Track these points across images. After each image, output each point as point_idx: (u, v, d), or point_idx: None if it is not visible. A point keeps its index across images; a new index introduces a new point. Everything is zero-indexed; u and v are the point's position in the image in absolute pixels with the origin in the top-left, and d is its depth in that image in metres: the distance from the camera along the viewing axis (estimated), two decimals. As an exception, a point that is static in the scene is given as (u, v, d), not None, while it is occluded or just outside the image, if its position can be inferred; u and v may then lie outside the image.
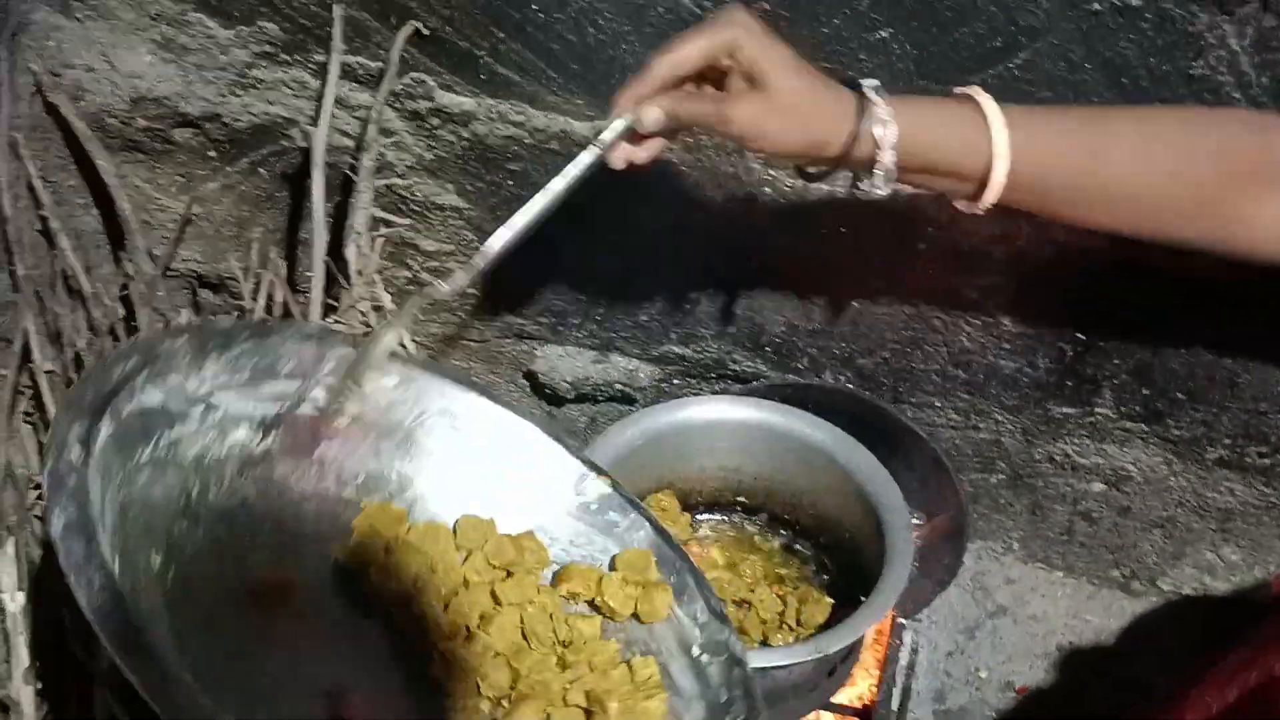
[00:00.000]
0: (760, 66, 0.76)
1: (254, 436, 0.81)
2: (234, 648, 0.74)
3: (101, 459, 0.67)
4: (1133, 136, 0.80)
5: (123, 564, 0.66)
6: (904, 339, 1.15)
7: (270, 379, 0.82)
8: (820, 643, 0.90)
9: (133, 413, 0.72)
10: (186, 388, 0.77)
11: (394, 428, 0.86)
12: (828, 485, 1.07)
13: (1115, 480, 1.22)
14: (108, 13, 1.12)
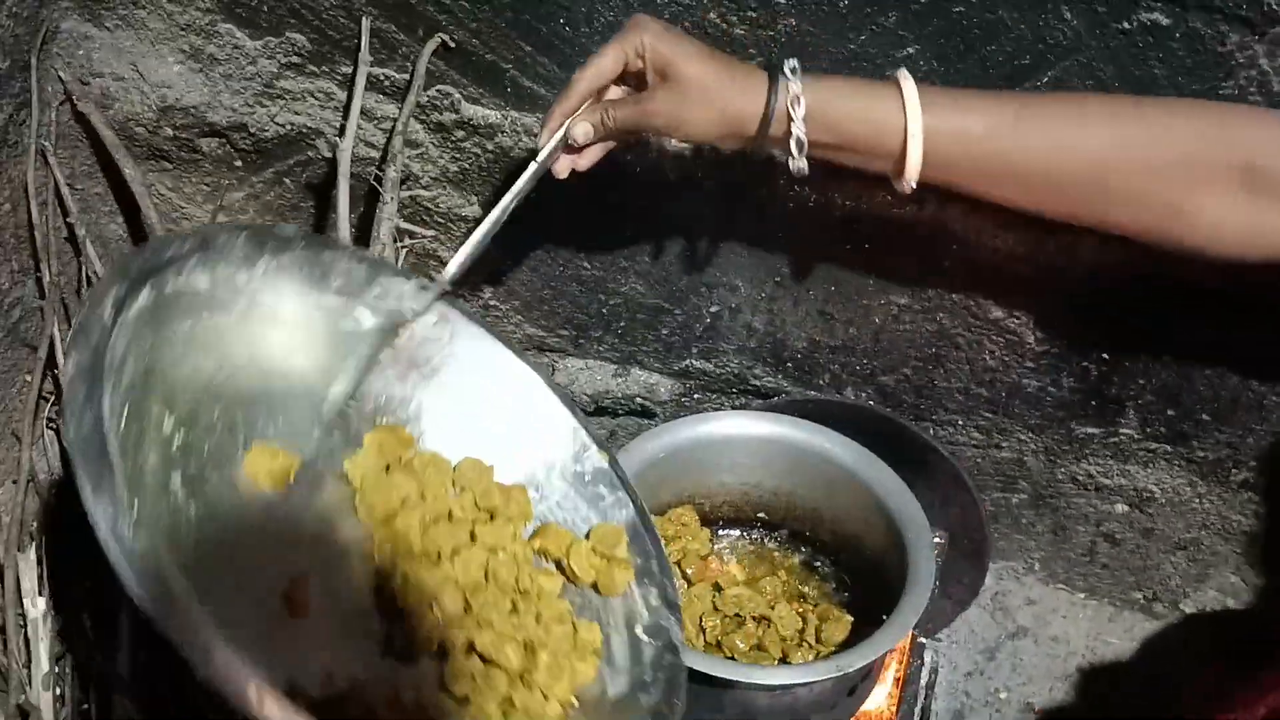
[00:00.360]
0: (668, 60, 0.82)
1: (291, 338, 0.85)
2: (210, 516, 0.76)
3: (134, 323, 0.71)
4: (1058, 120, 0.82)
5: (130, 417, 0.69)
6: (927, 356, 1.15)
7: (317, 289, 0.86)
8: (840, 661, 0.89)
9: (177, 290, 0.76)
10: (236, 280, 0.81)
11: (423, 361, 0.90)
12: (849, 502, 1.06)
13: (1139, 501, 1.21)
14: (137, 22, 1.13)
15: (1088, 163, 0.81)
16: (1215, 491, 1.17)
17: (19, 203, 1.15)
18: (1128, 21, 0.88)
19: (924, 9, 0.92)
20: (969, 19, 0.91)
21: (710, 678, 0.89)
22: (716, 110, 0.83)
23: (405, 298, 0.89)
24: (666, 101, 0.83)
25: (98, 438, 0.62)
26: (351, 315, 0.87)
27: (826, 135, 0.83)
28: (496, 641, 0.79)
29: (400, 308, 0.88)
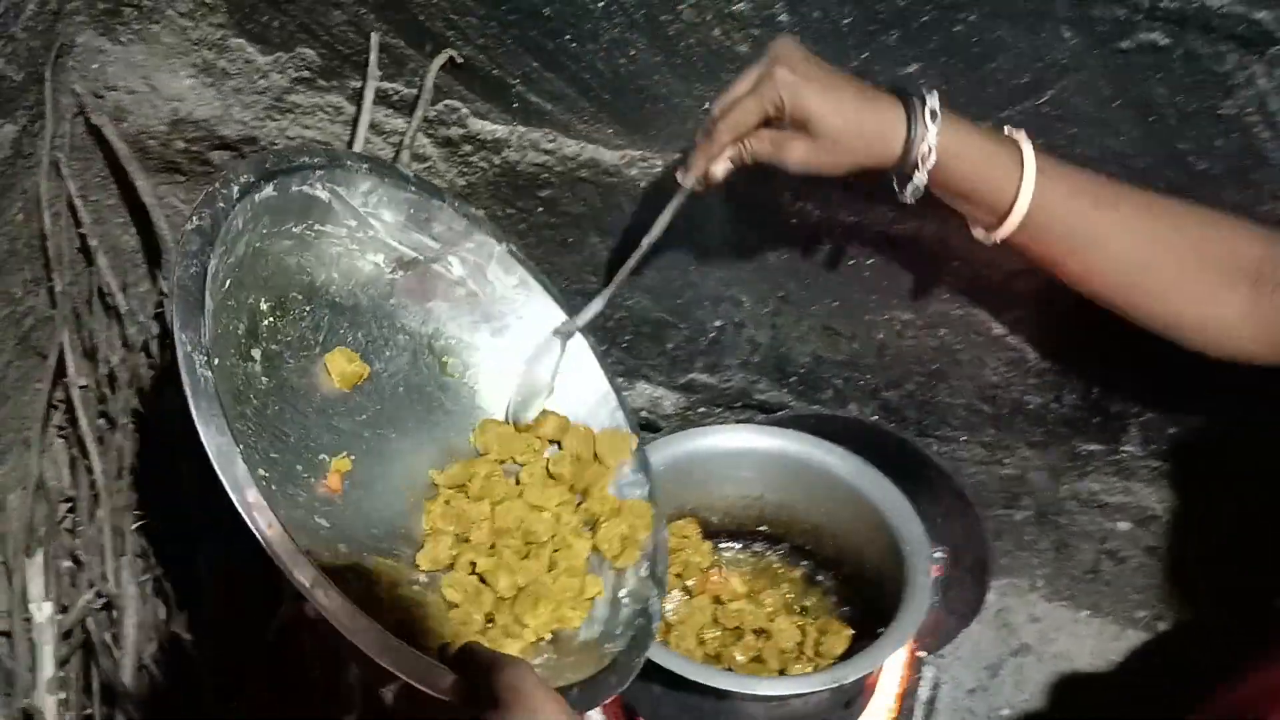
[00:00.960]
0: (807, 114, 0.84)
1: (387, 266, 0.95)
2: (278, 390, 0.85)
3: (257, 208, 0.82)
4: (1136, 207, 0.88)
5: (232, 286, 0.80)
6: (930, 372, 1.15)
7: (419, 230, 0.96)
8: (837, 672, 0.90)
9: (299, 193, 0.86)
10: (352, 201, 0.91)
11: (496, 316, 1.00)
12: (850, 516, 1.07)
13: (1142, 519, 1.21)
14: (150, 37, 1.14)
15: (1143, 254, 0.87)
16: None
17: (32, 213, 1.16)
18: (1127, 41, 0.89)
19: (924, 27, 0.93)
20: (969, 37, 0.92)
21: (708, 688, 0.90)
22: (850, 160, 0.87)
23: (495, 257, 0.99)
24: (802, 152, 0.86)
25: (198, 287, 0.73)
26: (445, 259, 0.97)
27: (944, 182, 0.87)
28: (494, 569, 0.88)
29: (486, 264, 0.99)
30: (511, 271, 1.00)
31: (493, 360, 0.99)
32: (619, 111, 1.06)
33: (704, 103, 1.02)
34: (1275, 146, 0.91)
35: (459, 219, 0.97)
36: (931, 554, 1.01)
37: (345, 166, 0.89)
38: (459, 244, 0.98)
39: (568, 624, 0.88)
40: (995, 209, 0.87)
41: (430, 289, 0.97)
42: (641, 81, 1.03)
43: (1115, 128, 0.94)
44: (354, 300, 0.93)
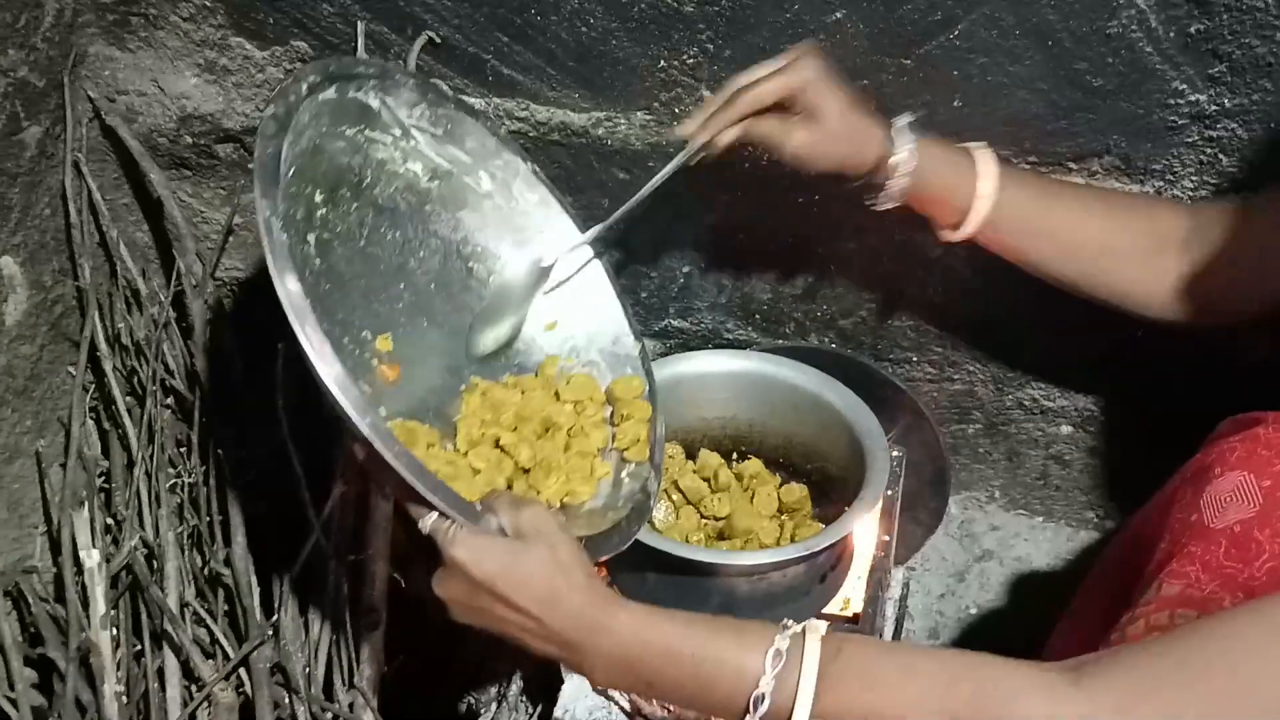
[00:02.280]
0: (819, 107, 0.97)
1: (424, 175, 1.06)
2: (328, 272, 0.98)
3: (319, 106, 0.92)
4: (1078, 200, 1.05)
5: (295, 175, 0.91)
6: (878, 298, 1.28)
7: (455, 144, 1.07)
8: (809, 542, 1.01)
9: (355, 99, 0.97)
10: (398, 112, 1.01)
11: (519, 229, 1.11)
12: (814, 423, 1.18)
13: (1081, 421, 1.33)
14: (156, 42, 1.26)
15: (1089, 239, 1.03)
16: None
17: (57, 209, 1.28)
18: (1021, -27, 1.02)
19: (846, -24, 1.06)
20: (885, -18, 1.05)
21: (694, 565, 1.01)
22: (840, 157, 1.00)
23: (520, 175, 1.10)
24: (806, 139, 0.98)
25: (273, 165, 0.84)
26: (475, 173, 1.08)
27: (914, 189, 1.02)
28: (516, 443, 0.99)
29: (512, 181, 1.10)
30: (534, 189, 1.11)
31: (514, 269, 1.10)
32: (583, 77, 1.18)
33: (659, 62, 1.15)
34: (1159, 59, 1.04)
35: (490, 137, 1.08)
36: (887, 444, 1.12)
37: (395, 79, 1.01)
38: (489, 160, 1.09)
39: (577, 497, 0.99)
40: (957, 210, 1.03)
41: (461, 199, 1.08)
42: (602, 47, 1.15)
43: (1019, 55, 1.06)
44: (393, 203, 1.04)
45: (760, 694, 0.75)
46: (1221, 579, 0.80)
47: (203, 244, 1.40)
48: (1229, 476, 0.85)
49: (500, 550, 0.81)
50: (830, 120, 0.97)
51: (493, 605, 0.80)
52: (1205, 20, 1.00)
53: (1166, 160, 1.10)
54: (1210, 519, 0.83)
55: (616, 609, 0.80)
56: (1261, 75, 1.02)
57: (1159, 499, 0.94)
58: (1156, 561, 0.86)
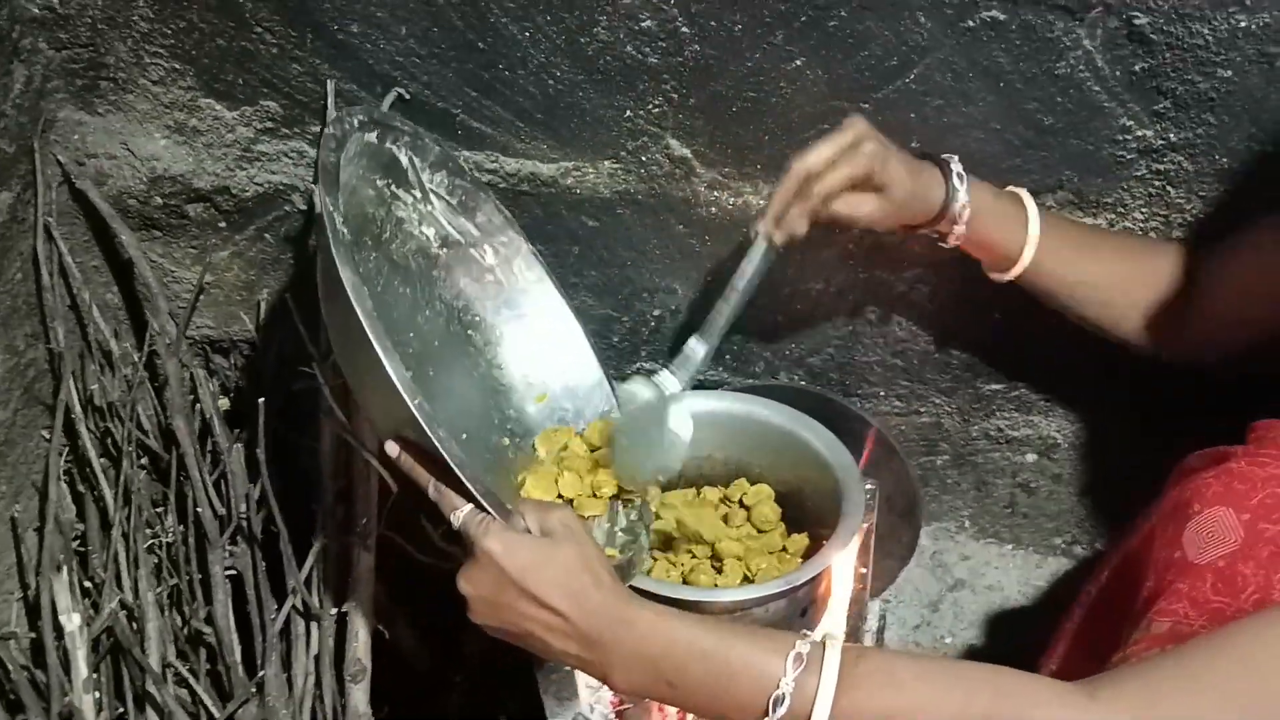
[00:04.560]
0: (886, 183, 1.02)
1: (436, 241, 1.12)
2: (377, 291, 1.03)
3: (361, 145, 1.00)
4: (1110, 248, 1.12)
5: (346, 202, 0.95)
6: (845, 335, 1.31)
7: (466, 216, 1.13)
8: (789, 576, 1.03)
9: (389, 150, 1.04)
10: (422, 174, 1.09)
11: (515, 304, 1.17)
12: (789, 459, 1.20)
13: (1045, 449, 1.36)
14: (125, 105, 1.28)
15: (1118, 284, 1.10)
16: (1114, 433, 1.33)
17: (29, 274, 1.28)
18: (972, 20, 1.06)
19: (804, 25, 1.09)
20: (842, 30, 1.09)
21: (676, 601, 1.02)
22: (907, 215, 1.05)
23: (521, 253, 1.16)
24: (876, 210, 1.03)
25: (335, 170, 0.91)
26: (481, 247, 1.15)
27: (970, 232, 1.07)
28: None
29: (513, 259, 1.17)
30: (532, 268, 1.17)
31: (509, 341, 1.16)
32: (551, 128, 1.21)
33: (624, 112, 1.18)
34: (1106, 97, 1.08)
35: (497, 214, 1.15)
36: (862, 478, 1.14)
37: (424, 142, 1.07)
38: (494, 236, 1.15)
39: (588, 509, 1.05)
40: (1010, 253, 1.08)
41: (465, 270, 1.14)
42: (568, 99, 1.18)
43: (972, 97, 1.11)
44: (406, 262, 1.08)
45: (780, 694, 0.76)
46: (1210, 614, 0.82)
47: (174, 303, 1.41)
48: (1209, 512, 0.87)
49: (529, 545, 0.82)
50: (899, 188, 1.02)
51: (518, 601, 0.81)
52: (1149, 59, 1.05)
53: (1117, 194, 1.15)
54: (1194, 555, 0.86)
55: (641, 607, 0.82)
56: (1205, 110, 1.07)
57: (1138, 537, 0.97)
58: (1143, 599, 0.88)
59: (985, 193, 1.07)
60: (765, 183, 1.21)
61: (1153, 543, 0.92)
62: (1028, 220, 1.07)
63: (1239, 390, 1.06)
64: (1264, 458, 0.89)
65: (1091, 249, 1.11)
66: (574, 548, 0.82)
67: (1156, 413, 1.26)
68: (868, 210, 1.02)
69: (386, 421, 0.88)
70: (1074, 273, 1.10)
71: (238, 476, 1.24)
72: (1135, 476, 1.34)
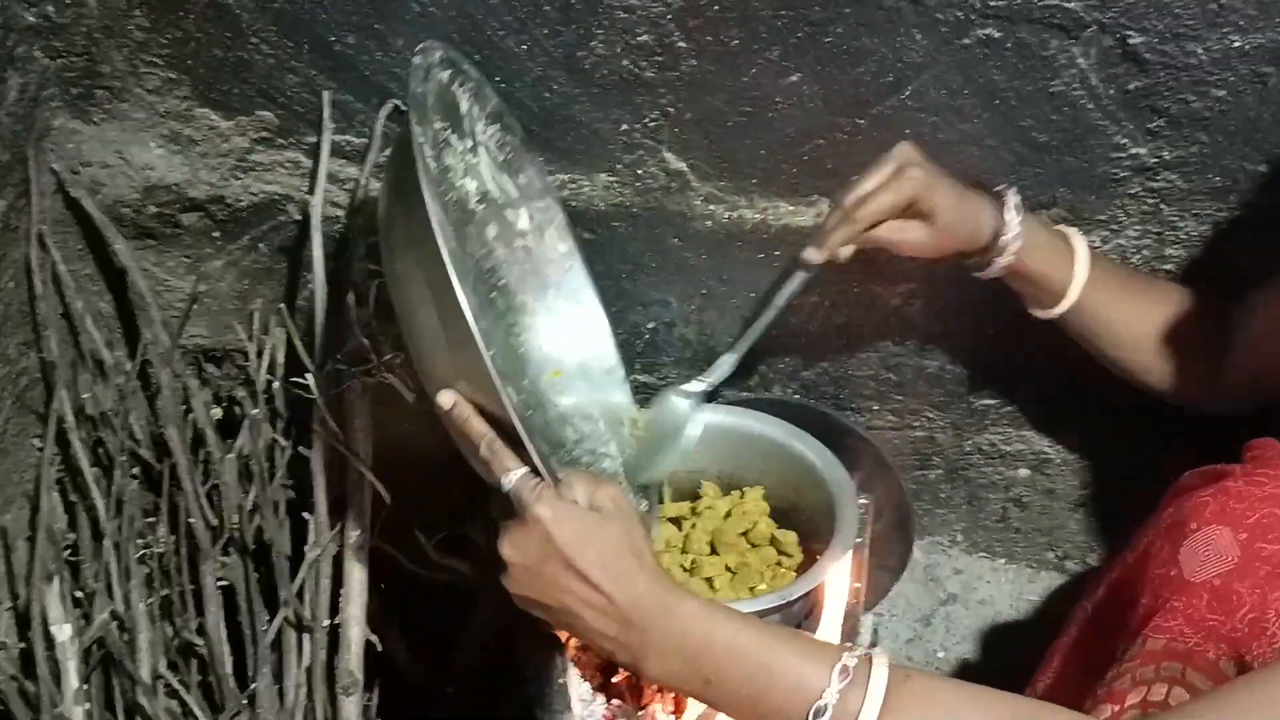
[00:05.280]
0: (932, 210, 1.02)
1: (475, 196, 1.09)
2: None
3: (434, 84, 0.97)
4: (1152, 291, 1.12)
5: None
6: (839, 348, 1.31)
7: (509, 175, 1.12)
8: (784, 591, 1.03)
9: (453, 92, 1.03)
10: (477, 123, 1.06)
11: (541, 274, 1.16)
12: (784, 472, 1.20)
13: (1038, 464, 1.37)
14: (120, 114, 1.27)
15: (1155, 330, 1.10)
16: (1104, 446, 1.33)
17: (21, 283, 1.28)
18: (967, 37, 1.06)
19: (801, 42, 1.09)
20: (839, 46, 1.09)
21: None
22: (952, 246, 1.05)
23: (555, 223, 1.15)
24: (919, 238, 1.04)
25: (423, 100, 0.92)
26: (518, 209, 1.13)
27: (1017, 266, 1.07)
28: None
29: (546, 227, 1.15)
30: (564, 240, 1.15)
31: (531, 311, 1.15)
32: (547, 140, 1.20)
33: (621, 126, 1.18)
34: (1101, 115, 1.09)
35: (539, 179, 1.12)
36: (856, 493, 1.15)
37: (486, 91, 1.06)
38: (532, 201, 1.13)
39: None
40: (1055, 291, 1.08)
41: (497, 231, 1.12)
42: (565, 112, 1.18)
43: (967, 113, 1.11)
44: (444, 212, 1.04)
45: (823, 705, 0.75)
46: (1204, 631, 0.83)
47: (167, 312, 1.40)
48: (1205, 531, 0.88)
49: (578, 516, 0.81)
50: (945, 215, 1.02)
51: (560, 573, 0.80)
52: (1143, 77, 1.05)
53: (1111, 211, 1.15)
54: (1190, 573, 0.86)
55: (687, 596, 0.81)
56: (1198, 128, 1.07)
57: (1134, 554, 0.97)
58: (1139, 616, 0.88)
59: (1038, 227, 1.07)
60: (761, 197, 1.21)
61: (1149, 560, 0.92)
62: (1075, 258, 1.07)
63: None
64: (1261, 477, 0.90)
65: (1137, 294, 1.11)
66: (622, 526, 0.81)
67: (1150, 428, 1.27)
68: (914, 237, 1.03)
69: (446, 370, 0.84)
70: (1117, 316, 1.10)
71: (230, 487, 1.24)
72: (1128, 491, 1.35)
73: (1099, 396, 1.27)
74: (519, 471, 0.83)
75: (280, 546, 1.20)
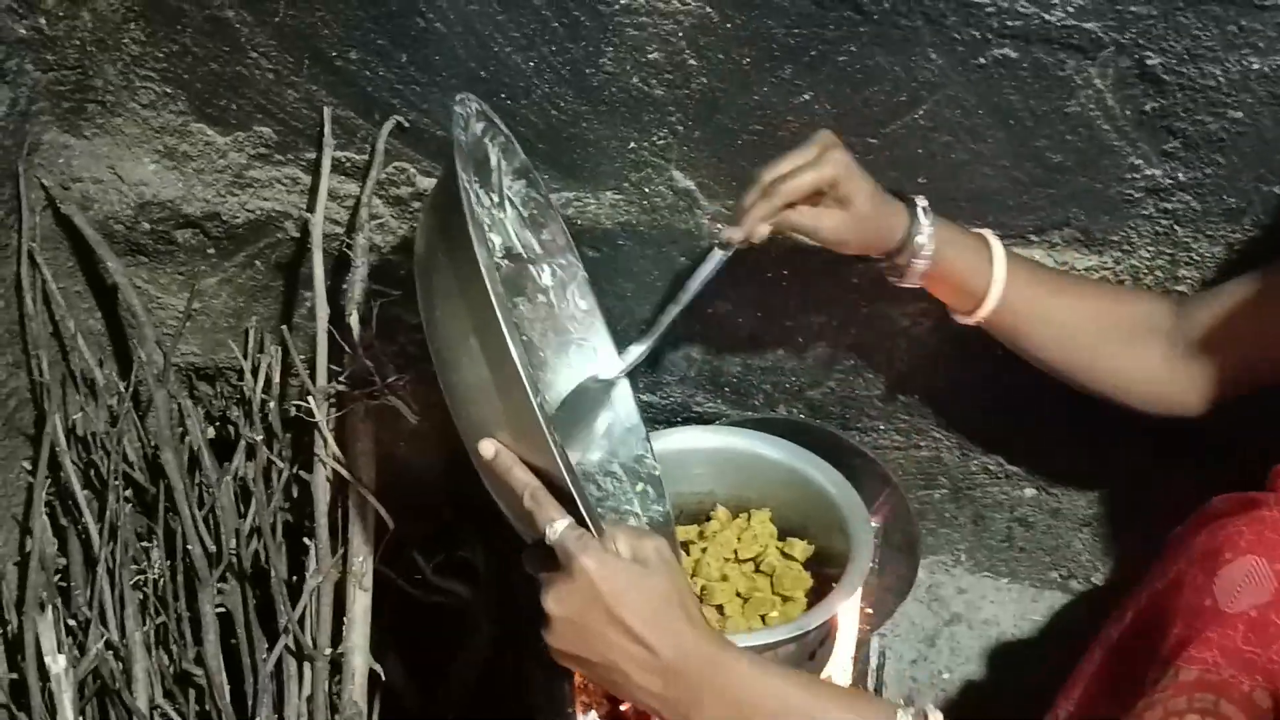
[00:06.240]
0: (849, 196, 1.00)
1: (500, 250, 1.09)
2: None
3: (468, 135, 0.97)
4: (1076, 291, 1.10)
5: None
6: (846, 368, 1.29)
7: (533, 231, 1.11)
8: (800, 621, 1.02)
9: (484, 145, 1.02)
10: (504, 177, 1.06)
11: (563, 331, 1.15)
12: (793, 497, 1.19)
13: (1044, 483, 1.35)
14: (114, 129, 1.24)
15: (1084, 328, 1.08)
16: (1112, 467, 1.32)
17: (11, 301, 1.25)
18: (983, 57, 1.05)
19: (814, 60, 1.08)
20: (852, 65, 1.07)
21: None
22: (869, 239, 1.03)
23: (577, 279, 1.14)
24: (836, 224, 1.01)
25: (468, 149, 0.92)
26: (540, 266, 1.13)
27: (934, 270, 1.05)
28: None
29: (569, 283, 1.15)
30: (585, 297, 1.15)
31: (551, 367, 1.14)
32: (553, 158, 1.18)
33: (628, 144, 1.16)
34: (1116, 136, 1.07)
35: (562, 235, 1.12)
36: (868, 518, 1.13)
37: (514, 146, 1.05)
38: (555, 257, 1.12)
39: None
40: (976, 292, 1.06)
41: (521, 287, 1.12)
42: (572, 130, 1.16)
43: (981, 133, 1.10)
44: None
45: None
46: (1240, 663, 0.81)
47: (159, 330, 1.37)
48: (1241, 561, 0.86)
49: (625, 569, 0.79)
50: (860, 205, 1.00)
51: (606, 627, 0.78)
52: (1160, 99, 1.04)
53: (1124, 232, 1.14)
54: (1225, 604, 0.85)
55: (735, 652, 0.80)
56: (1214, 150, 1.06)
57: (1162, 581, 0.96)
58: (1170, 646, 0.87)
59: (950, 228, 1.06)
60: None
61: (1181, 589, 0.91)
62: (993, 257, 1.06)
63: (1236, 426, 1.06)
64: None
65: (1061, 292, 1.09)
66: (668, 579, 0.79)
67: (1158, 447, 1.26)
68: (830, 223, 1.01)
69: (487, 418, 0.82)
70: (1044, 314, 1.08)
71: (228, 511, 1.21)
72: (1134, 511, 1.35)
73: (1106, 416, 1.26)
74: (564, 522, 0.80)
75: (279, 572, 1.17)
